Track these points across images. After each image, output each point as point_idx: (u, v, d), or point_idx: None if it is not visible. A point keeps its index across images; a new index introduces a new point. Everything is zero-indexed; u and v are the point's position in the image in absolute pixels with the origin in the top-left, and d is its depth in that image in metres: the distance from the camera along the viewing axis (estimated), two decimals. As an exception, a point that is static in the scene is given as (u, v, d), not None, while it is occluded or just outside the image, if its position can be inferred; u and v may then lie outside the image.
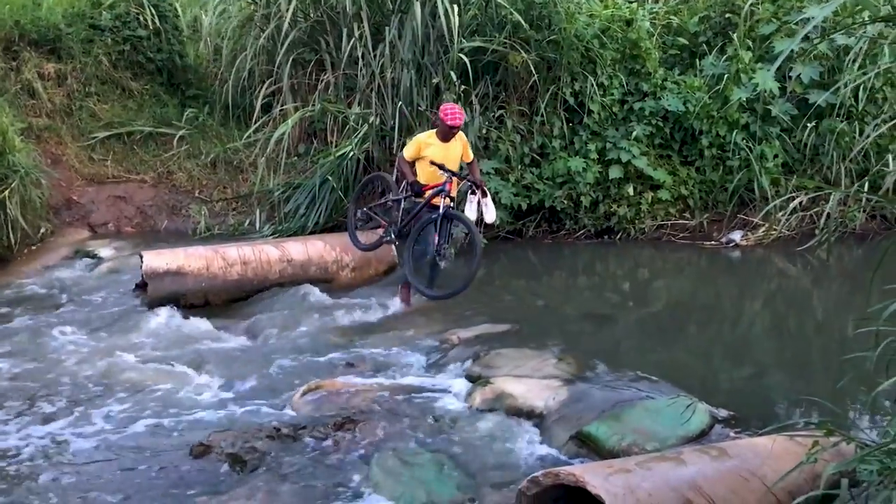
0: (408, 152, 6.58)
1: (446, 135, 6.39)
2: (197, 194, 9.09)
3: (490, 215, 6.48)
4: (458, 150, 6.55)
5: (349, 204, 7.50)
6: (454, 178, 6.40)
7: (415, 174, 6.52)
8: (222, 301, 6.58)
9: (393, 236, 6.80)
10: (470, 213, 6.41)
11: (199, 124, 9.53)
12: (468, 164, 6.70)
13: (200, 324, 6.10)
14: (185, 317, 6.23)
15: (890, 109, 6.45)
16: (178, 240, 8.10)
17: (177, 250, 6.74)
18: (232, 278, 6.63)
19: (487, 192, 6.53)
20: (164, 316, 6.20)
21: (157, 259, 6.51)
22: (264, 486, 3.90)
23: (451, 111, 6.32)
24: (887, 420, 3.98)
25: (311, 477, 4.03)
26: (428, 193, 6.46)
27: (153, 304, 6.37)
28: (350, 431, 4.40)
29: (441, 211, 6.28)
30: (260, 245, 6.95)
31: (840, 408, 4.90)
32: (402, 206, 6.69)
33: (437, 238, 6.30)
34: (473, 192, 6.51)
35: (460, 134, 6.54)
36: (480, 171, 7.21)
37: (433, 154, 6.42)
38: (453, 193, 6.48)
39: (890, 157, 7.74)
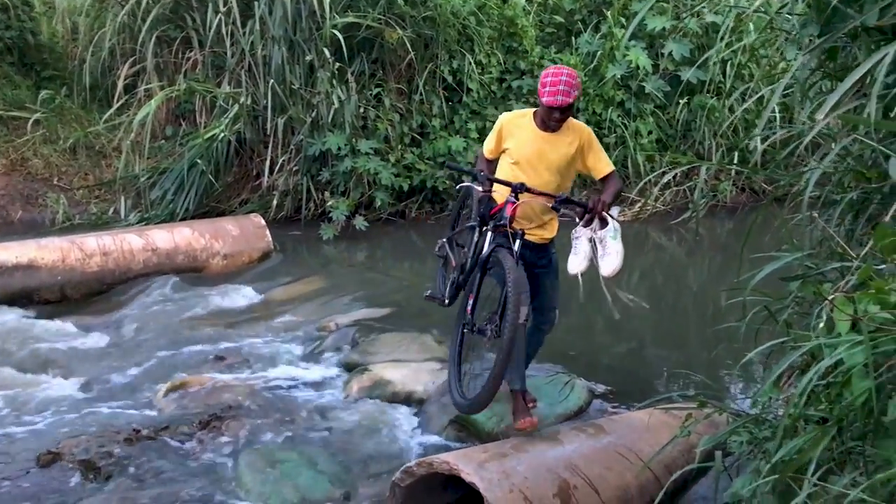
0: (487, 143, 4.11)
1: (546, 119, 3.84)
2: (55, 182, 8.48)
3: (610, 263, 3.85)
4: (564, 152, 3.91)
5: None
6: (523, 194, 3.80)
7: (489, 184, 3.97)
8: (81, 295, 6.13)
9: (447, 290, 4.27)
10: (576, 261, 3.94)
11: (56, 107, 8.87)
12: (601, 180, 4.03)
13: (55, 321, 5.63)
14: (38, 313, 5.75)
15: (756, 85, 6.63)
16: (33, 231, 7.51)
17: (28, 242, 6.23)
18: (91, 270, 6.18)
19: (609, 219, 3.85)
20: (13, 314, 5.70)
21: (5, 252, 5.99)
22: (119, 495, 3.59)
23: (554, 78, 3.71)
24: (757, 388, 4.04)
25: (172, 481, 3.74)
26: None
27: (2, 302, 5.85)
28: (217, 430, 4.12)
29: (483, 252, 3.84)
30: (121, 234, 6.51)
31: (714, 378, 4.98)
32: (474, 238, 4.06)
33: (470, 301, 3.91)
34: (587, 223, 3.88)
35: (578, 126, 3.98)
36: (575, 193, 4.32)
37: (516, 149, 3.93)
38: (532, 224, 3.95)
39: (757, 130, 7.97)
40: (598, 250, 3.86)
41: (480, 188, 3.95)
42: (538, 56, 8.72)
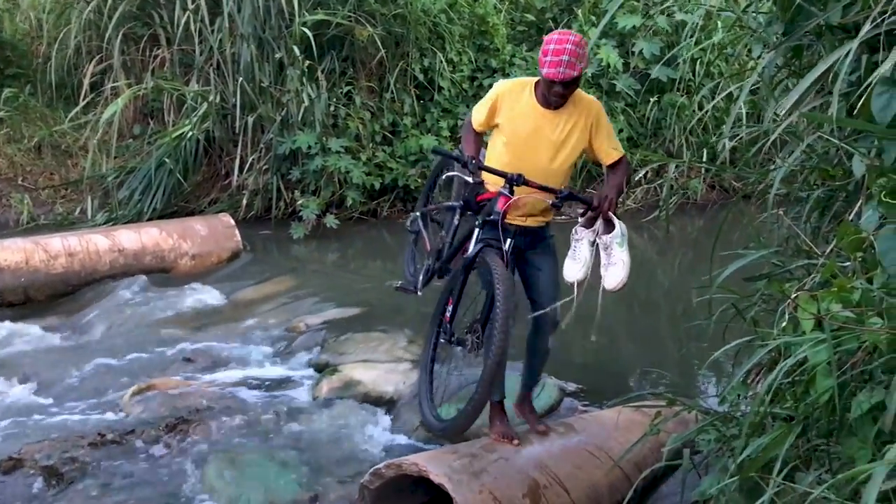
0: (476, 112, 3.49)
1: (547, 94, 3.30)
2: (20, 182, 8.34)
3: (615, 275, 3.27)
4: (567, 132, 3.37)
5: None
6: (521, 187, 3.31)
7: (480, 173, 3.39)
8: (46, 297, 6.03)
9: (420, 278, 3.78)
10: (574, 268, 3.33)
11: (20, 105, 8.71)
12: (609, 167, 3.50)
13: (18, 323, 5.53)
14: (1, 316, 5.64)
15: (725, 83, 6.68)
16: (-3, 232, 7.38)
17: (-10, 243, 6.11)
18: (56, 272, 6.07)
19: (616, 222, 3.30)
20: (-25, 317, 5.60)
21: (-33, 254, 5.87)
22: (83, 500, 3.54)
23: (558, 46, 3.16)
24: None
25: (138, 486, 3.68)
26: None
27: (-37, 305, 5.76)
28: (184, 433, 4.07)
29: (468, 254, 3.38)
30: (87, 234, 6.41)
31: (684, 376, 5.00)
32: (454, 221, 3.61)
33: (450, 307, 3.50)
34: (590, 223, 3.36)
35: (586, 100, 3.44)
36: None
37: (509, 125, 3.40)
38: (525, 217, 3.43)
39: (726, 128, 8.02)
40: (602, 258, 3.27)
41: (470, 178, 3.34)
42: (509, 54, 8.72)
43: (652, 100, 8.79)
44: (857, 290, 1.78)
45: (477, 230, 3.38)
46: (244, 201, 7.91)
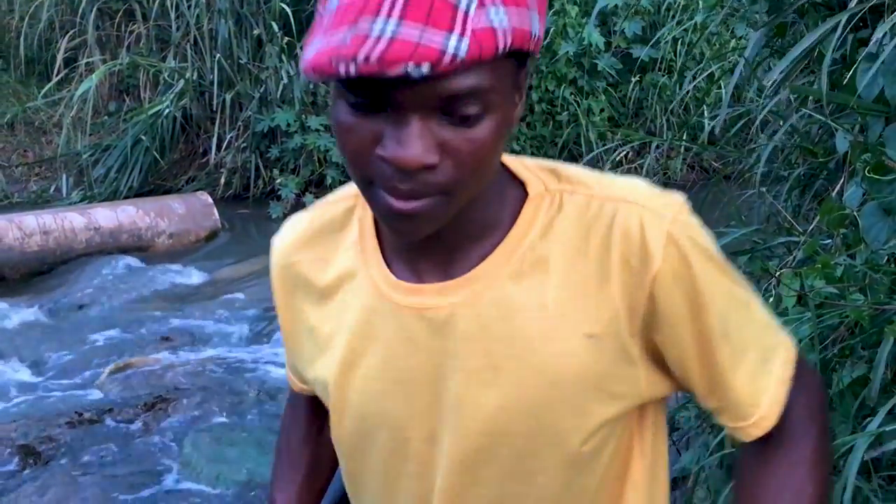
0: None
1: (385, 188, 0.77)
2: (-7, 159, 8.20)
3: None
4: (539, 361, 0.83)
5: None
6: None
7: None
8: (20, 276, 5.94)
9: None
10: None
11: (-8, 81, 8.57)
12: (749, 445, 0.90)
13: (-8, 302, 5.46)
14: (-25, 295, 5.57)
15: (706, 63, 6.68)
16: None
17: (-37, 221, 6.00)
18: (31, 250, 5.98)
19: None
20: (-52, 295, 5.51)
21: (-61, 232, 5.77)
22: (60, 479, 3.49)
23: None
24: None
25: (116, 465, 3.66)
26: None
27: (-64, 283, 5.67)
28: (162, 411, 4.04)
29: None
30: (63, 213, 6.31)
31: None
32: None
33: None
34: None
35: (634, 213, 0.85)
36: None
37: (322, 376, 0.93)
38: None
39: (706, 108, 8.03)
40: None
41: None
42: (491, 33, 8.66)
43: (633, 80, 8.78)
44: (839, 266, 1.78)
45: None
46: (222, 179, 7.81)
